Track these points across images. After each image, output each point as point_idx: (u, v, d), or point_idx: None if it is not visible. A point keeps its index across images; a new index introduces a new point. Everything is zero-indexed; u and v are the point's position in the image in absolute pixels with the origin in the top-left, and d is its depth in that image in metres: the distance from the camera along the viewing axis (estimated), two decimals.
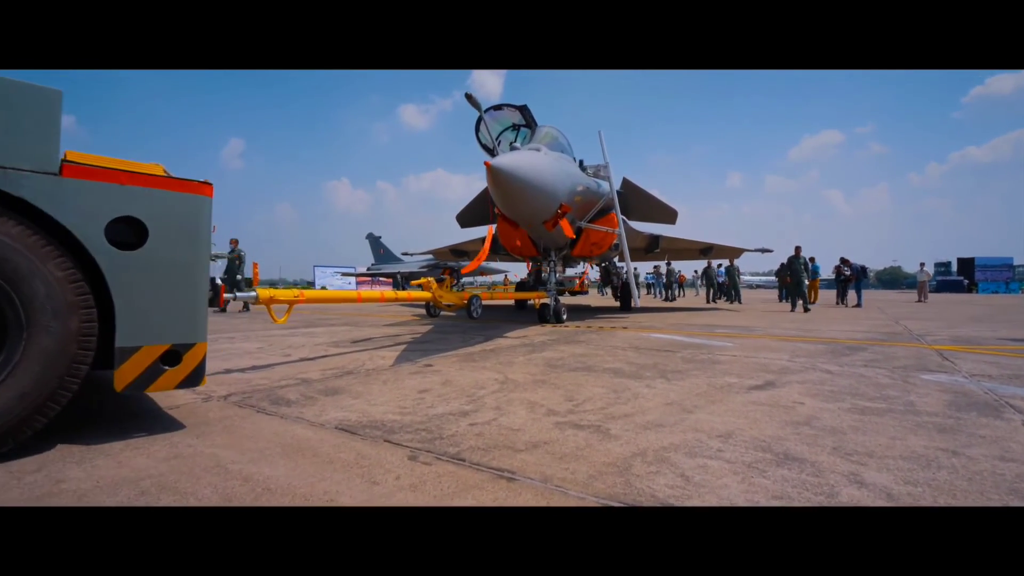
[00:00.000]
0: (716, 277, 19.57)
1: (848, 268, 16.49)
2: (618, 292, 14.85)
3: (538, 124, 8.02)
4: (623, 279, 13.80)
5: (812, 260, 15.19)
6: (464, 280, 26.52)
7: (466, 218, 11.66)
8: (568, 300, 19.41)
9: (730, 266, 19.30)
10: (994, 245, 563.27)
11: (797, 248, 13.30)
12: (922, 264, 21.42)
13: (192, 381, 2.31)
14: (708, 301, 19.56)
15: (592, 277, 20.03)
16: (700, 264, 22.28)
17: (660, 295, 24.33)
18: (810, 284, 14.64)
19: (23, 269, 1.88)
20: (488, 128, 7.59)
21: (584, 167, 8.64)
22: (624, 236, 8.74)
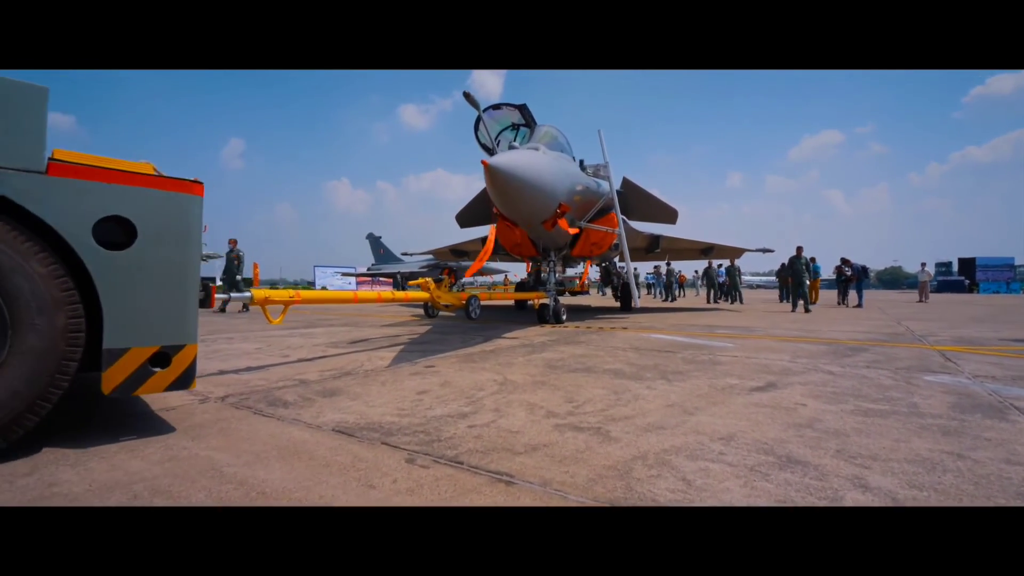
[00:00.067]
0: (717, 277, 19.54)
1: (849, 268, 16.45)
2: (618, 292, 14.81)
3: (537, 123, 7.98)
4: (623, 279, 13.77)
5: (813, 260, 15.15)
6: (464, 280, 26.49)
7: (466, 218, 11.63)
8: (568, 300, 19.38)
9: (731, 266, 19.26)
10: (994, 245, 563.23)
11: (798, 248, 13.26)
12: (923, 264, 21.40)
13: (182, 383, 2.28)
14: (709, 301, 19.53)
15: (592, 277, 20.01)
16: (700, 264, 22.27)
17: (660, 295, 24.28)
18: (811, 284, 14.61)
19: (4, 266, 1.85)
20: (487, 127, 7.55)
21: (584, 167, 8.61)
22: (624, 236, 8.72)
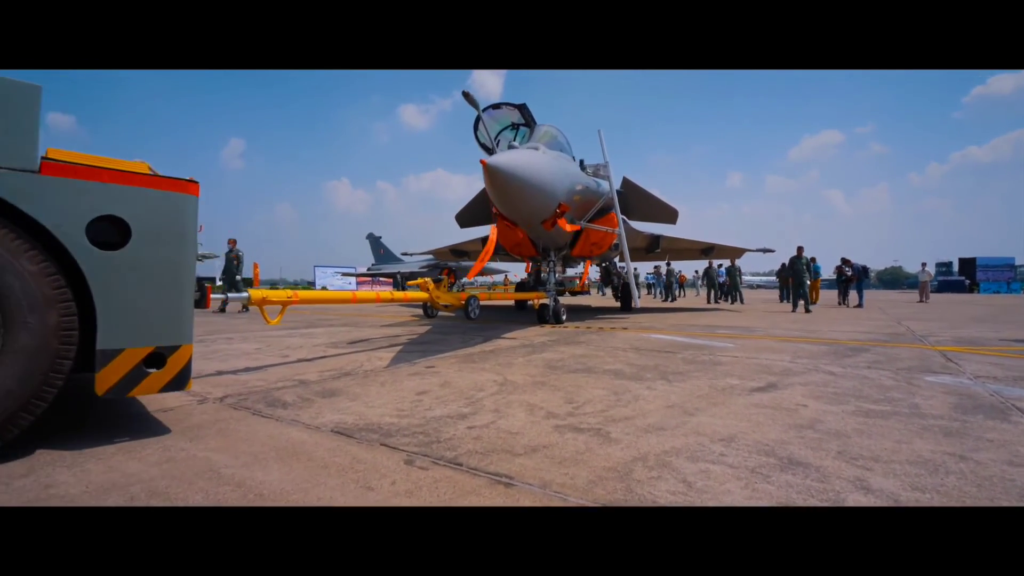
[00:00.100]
0: (717, 277, 19.52)
1: (849, 268, 16.44)
2: (618, 292, 14.79)
3: (537, 123, 7.97)
4: (623, 279, 13.76)
5: (813, 260, 15.13)
6: (463, 280, 26.48)
7: (465, 218, 11.62)
8: (568, 300, 19.38)
9: (731, 266, 19.24)
10: (994, 245, 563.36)
11: (799, 248, 13.25)
12: (923, 264, 21.40)
13: (177, 384, 2.26)
14: (709, 301, 19.52)
15: (592, 277, 20.00)
16: (701, 264, 22.26)
17: (660, 295, 24.27)
18: (811, 285, 14.59)
19: None
20: (486, 127, 7.53)
21: (584, 166, 8.60)
22: (624, 236, 8.70)
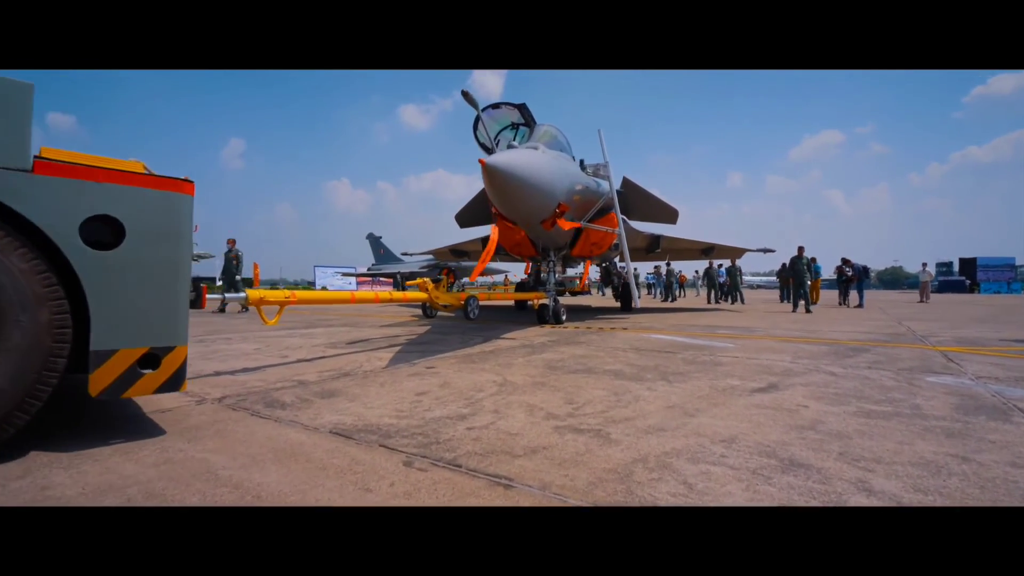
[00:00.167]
0: (717, 277, 19.50)
1: (850, 268, 16.42)
2: (618, 292, 14.78)
3: (537, 123, 7.95)
4: (623, 279, 13.74)
5: (814, 260, 15.12)
6: (464, 280, 26.47)
7: (465, 218, 11.61)
8: (568, 300, 19.36)
9: (731, 266, 19.22)
10: (995, 245, 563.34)
11: (800, 248, 13.24)
12: (924, 264, 21.38)
13: (172, 385, 2.24)
14: (709, 302, 19.50)
15: (592, 277, 19.98)
16: (701, 264, 22.25)
17: (660, 295, 24.25)
18: (811, 285, 14.58)
19: None
20: (486, 127, 7.51)
21: (584, 166, 8.59)
22: (624, 236, 8.69)
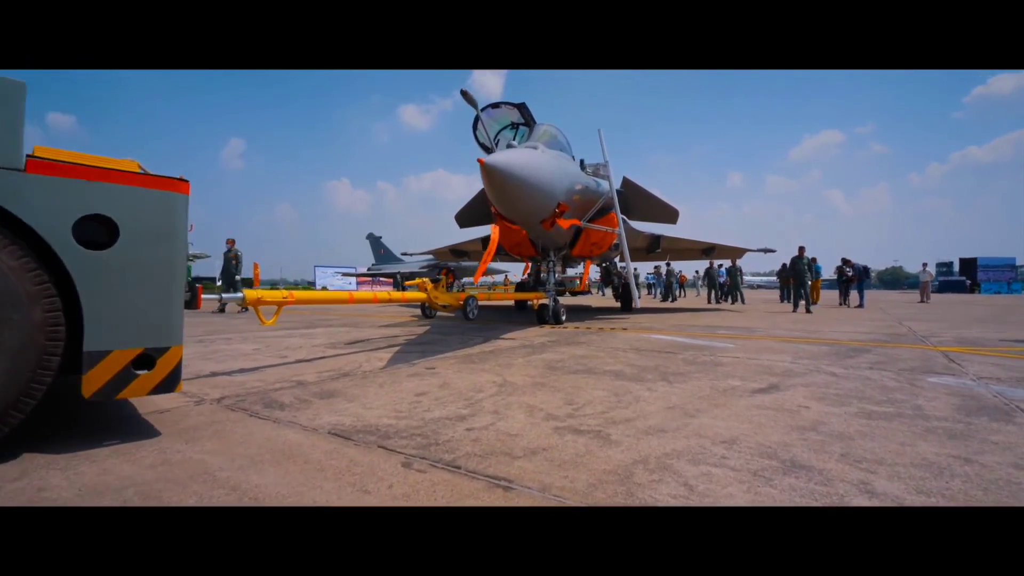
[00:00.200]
0: (718, 277, 19.47)
1: (850, 268, 16.40)
2: (618, 292, 14.77)
3: (536, 122, 7.93)
4: (623, 279, 13.73)
5: (814, 260, 15.11)
6: (464, 280, 26.46)
7: (465, 218, 11.58)
8: (568, 300, 19.35)
9: (732, 266, 19.20)
10: (995, 245, 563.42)
11: (800, 248, 13.22)
12: (924, 264, 21.38)
13: (167, 386, 2.22)
14: (709, 302, 19.49)
15: (593, 277, 19.96)
16: (701, 264, 22.24)
17: (660, 295, 24.23)
18: (812, 285, 14.56)
19: None
20: (485, 126, 7.49)
21: (584, 166, 8.57)
22: (624, 236, 8.67)
